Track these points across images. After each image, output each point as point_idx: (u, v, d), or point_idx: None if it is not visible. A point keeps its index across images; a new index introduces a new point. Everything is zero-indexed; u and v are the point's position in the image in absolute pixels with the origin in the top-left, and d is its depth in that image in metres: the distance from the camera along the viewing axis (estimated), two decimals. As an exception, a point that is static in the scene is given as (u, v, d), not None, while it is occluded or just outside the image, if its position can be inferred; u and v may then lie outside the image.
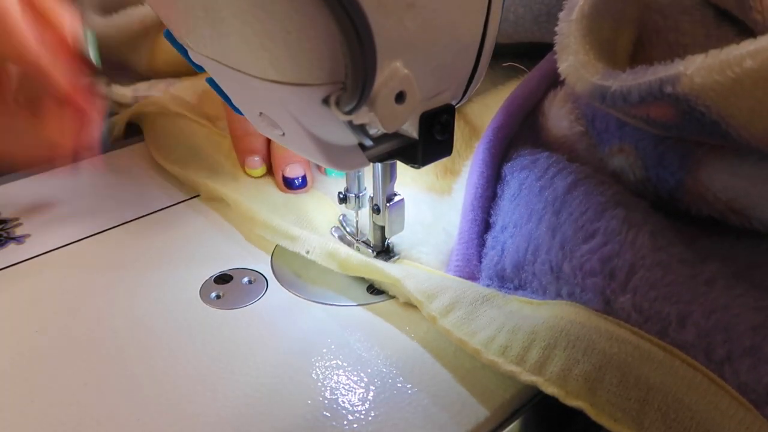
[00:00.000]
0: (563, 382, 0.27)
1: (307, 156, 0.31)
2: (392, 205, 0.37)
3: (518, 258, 0.34)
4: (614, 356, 0.27)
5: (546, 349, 0.28)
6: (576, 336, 0.28)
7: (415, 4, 0.25)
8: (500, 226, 0.36)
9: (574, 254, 0.31)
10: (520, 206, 0.35)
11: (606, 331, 0.28)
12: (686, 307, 0.28)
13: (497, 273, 0.35)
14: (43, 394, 0.31)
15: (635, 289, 0.29)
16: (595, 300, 0.30)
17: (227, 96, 0.32)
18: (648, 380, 0.26)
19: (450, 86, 0.30)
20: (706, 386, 0.25)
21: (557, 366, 0.28)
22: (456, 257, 0.36)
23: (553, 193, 0.34)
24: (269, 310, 0.36)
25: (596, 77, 0.32)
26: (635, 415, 0.26)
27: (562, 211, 0.33)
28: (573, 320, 0.29)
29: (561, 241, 0.32)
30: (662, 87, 0.29)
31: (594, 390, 0.27)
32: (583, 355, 0.28)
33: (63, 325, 0.35)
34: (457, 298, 0.32)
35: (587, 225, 0.32)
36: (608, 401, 0.26)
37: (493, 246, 0.36)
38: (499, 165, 0.40)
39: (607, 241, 0.31)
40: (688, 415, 0.25)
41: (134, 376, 0.31)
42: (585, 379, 0.27)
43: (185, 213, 0.44)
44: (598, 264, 0.30)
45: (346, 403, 0.30)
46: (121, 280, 0.38)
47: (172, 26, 0.30)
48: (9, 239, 0.42)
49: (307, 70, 0.25)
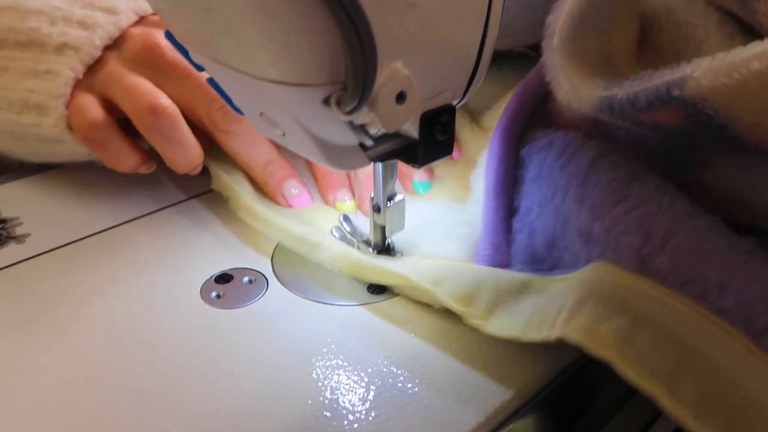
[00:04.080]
0: (590, 333, 0.26)
1: (307, 156, 0.31)
2: (392, 205, 0.37)
3: (548, 235, 0.33)
4: (649, 316, 0.26)
5: (574, 307, 0.28)
6: (607, 295, 0.27)
7: (415, 5, 0.25)
8: (525, 209, 0.36)
9: (606, 215, 0.30)
10: (543, 186, 0.35)
11: (641, 291, 0.27)
12: (726, 275, 0.27)
13: (529, 256, 0.34)
14: (43, 394, 0.31)
15: (674, 251, 0.28)
16: (630, 259, 0.29)
17: (228, 96, 0.32)
18: (684, 342, 0.25)
19: (450, 86, 0.30)
20: (744, 354, 0.25)
21: (585, 319, 0.27)
22: (483, 246, 0.35)
23: (577, 166, 0.34)
24: (270, 309, 0.36)
25: (598, 91, 0.31)
26: (667, 375, 0.25)
27: (588, 181, 0.32)
28: (604, 281, 0.28)
29: (590, 206, 0.31)
30: (669, 90, 0.28)
31: (624, 345, 0.26)
32: (614, 312, 0.27)
33: (63, 324, 0.35)
34: (497, 295, 0.31)
35: (617, 191, 0.31)
36: (639, 358, 0.25)
37: (521, 229, 0.35)
38: (516, 151, 0.39)
39: (642, 203, 0.30)
40: (725, 380, 0.24)
41: (134, 375, 0.31)
42: (615, 333, 0.26)
43: (185, 212, 0.44)
44: (633, 223, 0.29)
45: (346, 403, 0.30)
46: (122, 280, 0.38)
47: (173, 26, 0.30)
48: (9, 238, 0.42)
49: (308, 70, 0.25)
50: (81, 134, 0.42)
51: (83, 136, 0.42)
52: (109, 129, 0.42)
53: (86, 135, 0.42)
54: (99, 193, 0.46)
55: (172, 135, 0.41)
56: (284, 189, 0.44)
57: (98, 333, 0.34)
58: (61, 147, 0.44)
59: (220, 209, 0.44)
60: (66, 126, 0.42)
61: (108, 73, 0.42)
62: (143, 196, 0.46)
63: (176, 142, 0.41)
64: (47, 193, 0.47)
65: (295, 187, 0.44)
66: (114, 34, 0.43)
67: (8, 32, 0.43)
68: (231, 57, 0.27)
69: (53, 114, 0.42)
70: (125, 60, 0.42)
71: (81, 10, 0.43)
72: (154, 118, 0.40)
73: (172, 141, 0.41)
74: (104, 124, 0.41)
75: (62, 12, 0.43)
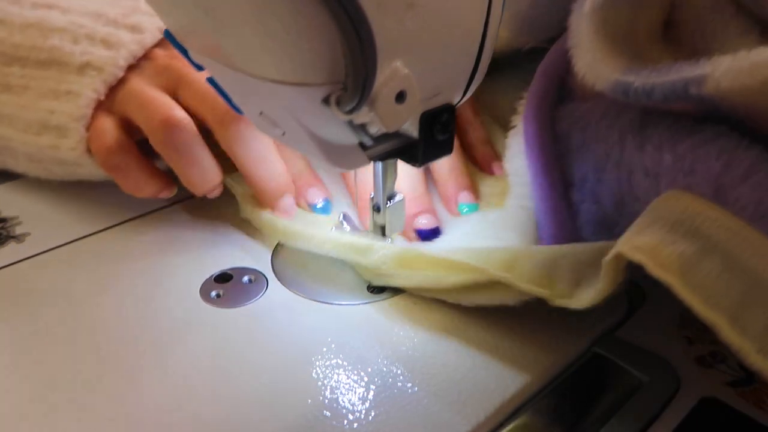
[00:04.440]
0: (654, 254, 0.25)
1: (307, 155, 0.31)
2: (392, 205, 0.37)
3: (614, 195, 0.32)
4: (720, 243, 0.25)
5: (639, 228, 0.26)
6: (675, 220, 0.26)
7: (415, 4, 0.25)
8: (579, 179, 0.34)
9: (678, 145, 0.29)
10: (592, 150, 0.34)
11: (713, 218, 0.26)
12: None
13: (600, 222, 0.33)
14: (43, 393, 0.31)
15: (755, 185, 0.27)
16: (704, 186, 0.28)
17: (228, 96, 0.32)
18: (754, 274, 0.24)
19: (450, 86, 0.30)
20: None
21: (650, 239, 0.25)
22: (547, 227, 0.34)
23: (628, 119, 0.32)
24: (269, 309, 0.36)
25: (616, 73, 0.31)
26: (733, 306, 0.24)
27: (647, 127, 0.31)
28: (672, 206, 0.27)
29: (656, 145, 0.30)
30: (687, 88, 0.28)
31: (690, 270, 0.25)
32: (682, 237, 0.25)
33: (63, 324, 0.35)
34: (578, 268, 0.30)
35: (688, 127, 0.29)
36: (704, 285, 0.24)
37: (582, 200, 0.34)
38: (550, 128, 0.37)
39: (721, 136, 0.29)
40: None
41: (134, 375, 0.31)
42: (681, 257, 0.25)
43: (185, 212, 0.44)
44: (714, 150, 0.28)
45: (346, 403, 0.30)
46: (121, 279, 0.38)
47: (173, 26, 0.30)
48: (9, 238, 0.42)
49: (308, 69, 0.25)
50: (99, 159, 0.41)
51: (102, 161, 0.40)
52: (128, 154, 0.40)
53: (104, 160, 0.40)
54: (99, 193, 0.46)
55: (187, 151, 0.39)
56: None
57: (98, 332, 0.34)
58: (80, 170, 0.43)
59: (220, 209, 0.44)
60: (85, 149, 0.41)
61: (127, 91, 0.41)
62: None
63: (191, 158, 0.39)
64: (47, 193, 0.47)
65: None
66: (138, 53, 0.42)
67: (31, 50, 0.42)
68: (231, 56, 0.27)
69: (73, 136, 0.41)
70: (146, 78, 0.41)
71: (105, 28, 0.42)
72: (167, 131, 0.38)
73: (187, 157, 0.39)
74: (123, 149, 0.40)
75: (86, 30, 0.42)
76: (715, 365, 0.32)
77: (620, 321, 0.35)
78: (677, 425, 0.29)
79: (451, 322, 0.34)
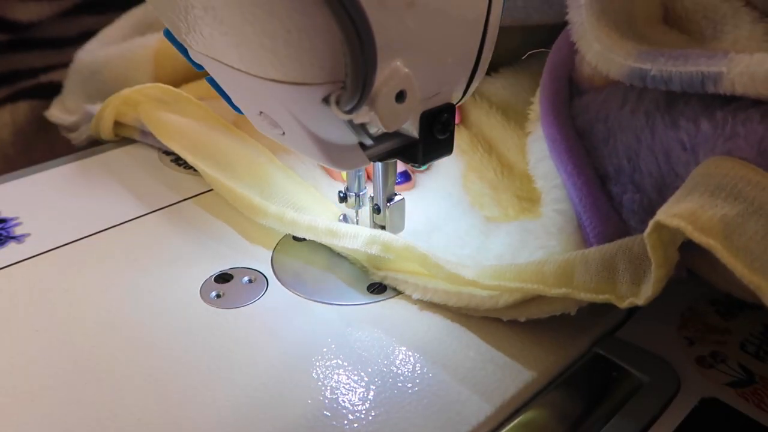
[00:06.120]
0: (694, 219, 0.24)
1: (307, 155, 0.31)
2: (392, 205, 0.37)
3: (655, 178, 0.31)
4: (764, 206, 0.24)
5: (678, 196, 0.26)
6: (716, 184, 0.25)
7: (415, 3, 0.25)
8: (615, 170, 0.34)
9: (716, 112, 0.28)
10: (620, 139, 0.33)
11: (756, 182, 0.25)
12: None
13: (645, 210, 0.32)
14: (43, 393, 0.30)
15: None
16: (746, 150, 0.27)
17: (227, 95, 0.32)
18: None
19: (450, 85, 0.30)
20: None
21: (690, 204, 0.25)
22: (592, 224, 0.33)
23: (652, 102, 0.32)
24: (269, 309, 0.36)
25: (630, 59, 0.30)
26: None
27: (675, 105, 0.31)
28: (713, 172, 0.26)
29: (690, 117, 0.29)
30: (704, 83, 0.28)
31: (733, 233, 0.24)
32: (724, 200, 0.25)
33: (63, 324, 0.35)
34: (638, 264, 0.28)
35: (720, 97, 0.29)
36: (746, 248, 0.24)
37: (623, 191, 0.33)
38: (570, 126, 0.37)
39: (762, 101, 0.28)
40: None
41: (134, 375, 0.31)
42: (723, 220, 0.24)
43: (185, 212, 0.44)
44: (757, 113, 0.27)
45: (346, 403, 0.30)
46: (121, 279, 0.38)
47: (172, 25, 0.30)
48: (9, 238, 0.42)
49: (308, 69, 0.25)
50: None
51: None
52: None
53: None
54: (98, 193, 0.46)
55: None
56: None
57: (98, 333, 0.34)
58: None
59: (219, 209, 0.44)
60: None
61: None
62: (143, 196, 0.46)
63: None
64: (47, 193, 0.47)
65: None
66: None
67: None
68: (231, 56, 0.27)
69: None
70: None
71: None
72: None
73: None
74: None
75: None
76: (715, 366, 0.32)
77: (621, 321, 0.35)
78: (677, 426, 0.29)
79: (451, 323, 0.34)
